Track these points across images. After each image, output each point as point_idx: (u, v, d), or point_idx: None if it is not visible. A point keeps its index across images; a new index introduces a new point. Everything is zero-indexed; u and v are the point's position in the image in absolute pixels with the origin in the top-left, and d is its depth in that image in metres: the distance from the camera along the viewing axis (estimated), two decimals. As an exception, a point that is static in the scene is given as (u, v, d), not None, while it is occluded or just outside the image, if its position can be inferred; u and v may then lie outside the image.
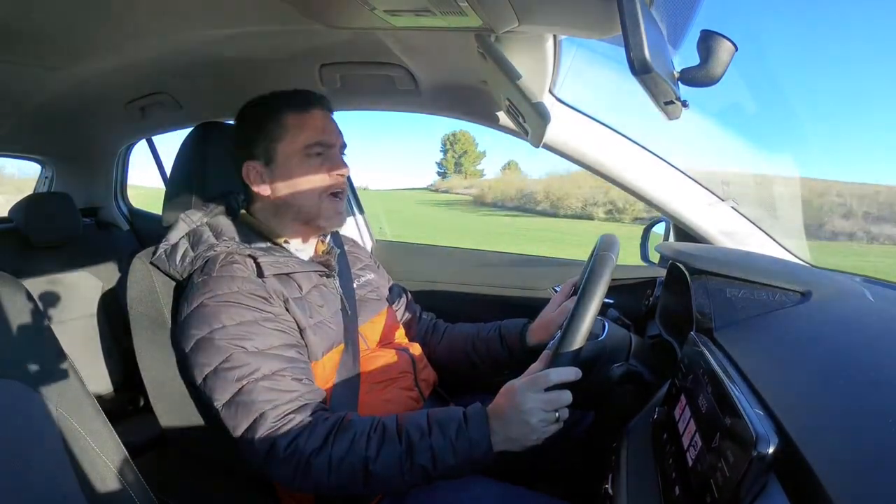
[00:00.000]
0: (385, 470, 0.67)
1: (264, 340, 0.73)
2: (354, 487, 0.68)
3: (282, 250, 0.86)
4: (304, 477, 0.68)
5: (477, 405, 0.71)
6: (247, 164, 0.85)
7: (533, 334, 0.98)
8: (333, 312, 0.85)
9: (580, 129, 1.03)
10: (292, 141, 0.83)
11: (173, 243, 0.83)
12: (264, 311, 0.75)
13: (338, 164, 0.86)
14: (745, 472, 0.37)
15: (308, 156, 0.84)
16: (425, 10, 0.65)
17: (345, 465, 0.67)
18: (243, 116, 0.88)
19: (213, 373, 0.71)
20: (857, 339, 0.54)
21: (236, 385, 0.70)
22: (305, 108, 0.84)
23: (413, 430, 0.68)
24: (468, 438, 0.67)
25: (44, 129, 1.46)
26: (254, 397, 0.69)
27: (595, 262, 0.69)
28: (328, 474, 0.67)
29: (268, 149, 0.84)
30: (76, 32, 0.82)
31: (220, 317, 0.73)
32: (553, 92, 0.99)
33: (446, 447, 0.67)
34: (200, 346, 0.73)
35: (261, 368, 0.71)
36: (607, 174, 1.06)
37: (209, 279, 0.76)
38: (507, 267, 1.40)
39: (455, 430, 0.68)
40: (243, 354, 0.71)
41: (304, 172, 0.84)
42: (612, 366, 0.75)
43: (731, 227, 1.07)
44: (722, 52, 0.53)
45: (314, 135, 0.84)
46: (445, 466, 0.67)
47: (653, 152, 1.05)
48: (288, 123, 0.83)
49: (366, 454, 0.67)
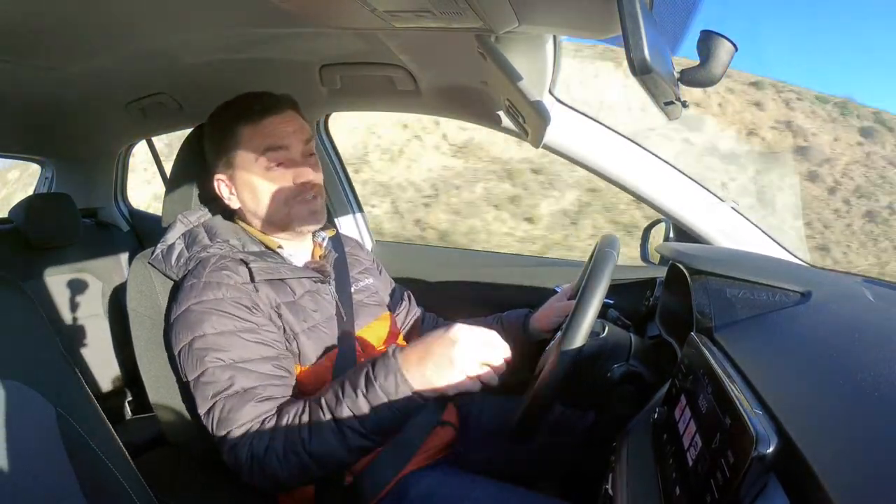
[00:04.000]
0: (322, 443, 0.66)
1: (240, 352, 0.73)
2: (310, 472, 0.68)
3: (275, 255, 0.85)
4: (265, 479, 0.68)
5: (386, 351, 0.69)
6: (215, 178, 0.85)
7: (536, 321, 0.98)
8: (327, 318, 0.84)
9: (580, 130, 1.04)
10: (248, 150, 0.81)
11: (170, 244, 0.83)
12: (246, 321, 0.75)
13: (301, 171, 0.82)
14: (745, 473, 0.37)
15: (268, 165, 0.81)
16: (425, 11, 0.65)
17: (288, 454, 0.67)
18: (205, 130, 0.88)
19: (194, 384, 0.73)
20: (858, 339, 0.54)
21: (211, 400, 0.71)
22: (259, 118, 0.81)
23: (329, 396, 0.68)
24: (379, 386, 0.65)
25: (44, 129, 1.45)
26: (224, 415, 0.70)
27: (596, 259, 0.69)
28: (280, 468, 0.67)
29: (228, 162, 0.83)
30: (76, 32, 0.82)
31: (202, 324, 0.73)
32: (553, 92, 0.99)
33: (360, 401, 0.65)
34: (184, 353, 0.74)
35: (233, 385, 0.71)
36: (607, 175, 1.06)
37: (197, 283, 0.76)
38: (508, 267, 1.40)
39: (364, 382, 0.66)
40: (218, 369, 0.72)
41: (266, 181, 0.82)
42: (613, 366, 0.75)
43: (731, 227, 1.07)
44: (722, 53, 0.53)
45: (269, 141, 0.81)
46: (371, 422, 0.65)
47: (652, 153, 1.06)
48: (242, 135, 0.81)
49: (300, 436, 0.67)
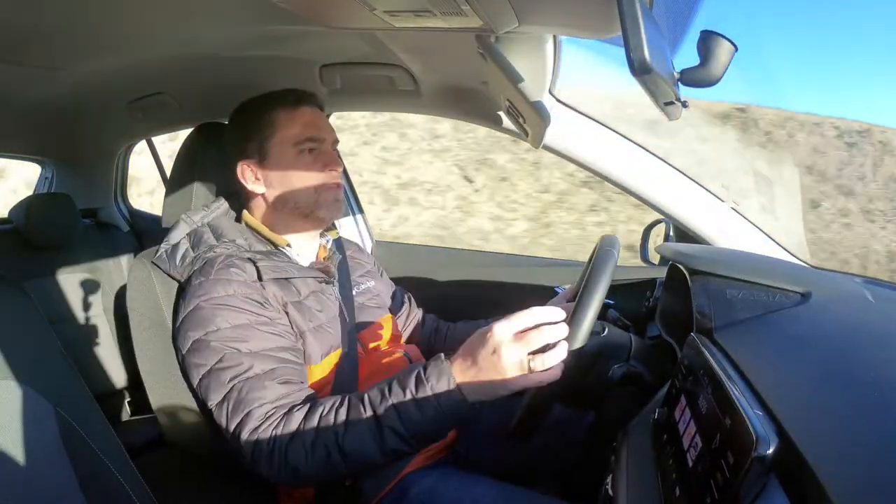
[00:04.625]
0: (357, 441, 0.64)
1: (258, 343, 0.73)
2: (336, 469, 0.66)
3: (282, 255, 0.86)
4: (285, 470, 0.67)
5: (439, 354, 0.67)
6: (241, 164, 0.86)
7: None
8: (331, 318, 0.85)
9: (580, 130, 1.04)
10: (284, 137, 0.84)
11: (174, 243, 0.83)
12: (259, 315, 0.75)
13: (331, 160, 0.87)
14: (745, 473, 0.37)
15: (301, 151, 0.85)
16: (425, 11, 0.65)
17: (318, 446, 0.65)
18: (235, 118, 0.89)
19: (208, 373, 0.72)
20: (858, 339, 0.54)
21: (228, 385, 0.70)
22: (295, 105, 0.86)
23: (374, 393, 0.66)
24: (429, 388, 0.63)
25: (44, 129, 1.45)
26: (243, 396, 0.69)
27: (596, 259, 0.69)
28: (305, 460, 0.66)
29: (260, 147, 0.85)
30: (77, 32, 0.82)
31: (215, 320, 0.73)
32: (553, 93, 0.99)
33: (409, 402, 0.63)
34: (196, 348, 0.73)
35: (253, 367, 0.71)
36: (607, 175, 1.06)
37: (206, 281, 0.76)
38: (508, 267, 1.40)
39: (414, 383, 0.64)
40: (237, 354, 0.71)
41: (297, 167, 0.85)
42: (613, 366, 0.75)
43: (731, 227, 1.07)
44: (722, 53, 0.53)
45: (305, 130, 0.85)
46: (415, 423, 0.63)
47: (652, 153, 1.05)
48: (279, 120, 0.85)
49: (334, 430, 0.65)
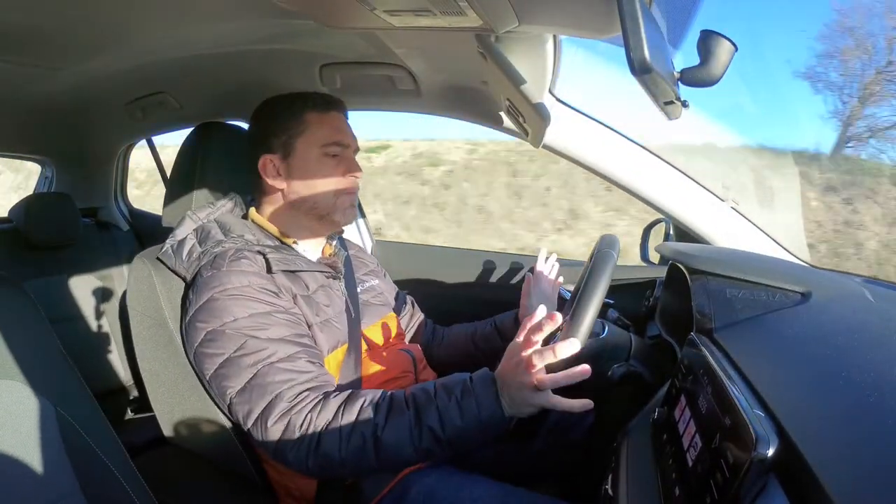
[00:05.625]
0: (394, 436, 0.67)
1: (277, 330, 0.74)
2: (366, 460, 0.67)
3: (290, 249, 0.87)
4: (315, 455, 0.67)
5: (484, 368, 0.71)
6: (264, 157, 0.86)
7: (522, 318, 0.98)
8: (338, 313, 0.86)
9: (580, 130, 1.04)
10: (311, 137, 0.85)
11: (180, 239, 0.83)
12: (275, 304, 0.76)
13: (353, 166, 0.88)
14: (745, 473, 0.37)
15: (326, 154, 0.86)
16: (425, 10, 0.65)
17: (355, 435, 0.67)
18: (262, 111, 0.90)
19: (227, 361, 0.71)
20: (858, 339, 0.54)
21: (251, 370, 0.70)
22: (325, 109, 0.87)
23: (420, 393, 0.70)
24: (474, 397, 0.66)
25: (44, 129, 1.45)
26: (270, 378, 0.70)
27: (596, 259, 0.69)
28: (339, 447, 0.67)
29: (287, 143, 0.85)
30: (76, 32, 0.82)
31: (231, 310, 0.73)
32: (553, 92, 0.99)
33: (452, 407, 0.67)
34: (211, 338, 0.73)
35: (277, 352, 0.72)
36: (607, 174, 1.06)
37: (219, 273, 0.76)
38: (508, 267, 1.40)
39: (460, 390, 0.68)
40: (258, 341, 0.72)
41: (321, 169, 0.86)
42: (613, 366, 0.75)
43: (731, 227, 1.07)
44: (722, 53, 0.53)
45: (333, 134, 0.87)
46: (454, 428, 0.66)
47: (653, 152, 1.06)
48: (308, 120, 0.86)
49: (374, 421, 0.67)
